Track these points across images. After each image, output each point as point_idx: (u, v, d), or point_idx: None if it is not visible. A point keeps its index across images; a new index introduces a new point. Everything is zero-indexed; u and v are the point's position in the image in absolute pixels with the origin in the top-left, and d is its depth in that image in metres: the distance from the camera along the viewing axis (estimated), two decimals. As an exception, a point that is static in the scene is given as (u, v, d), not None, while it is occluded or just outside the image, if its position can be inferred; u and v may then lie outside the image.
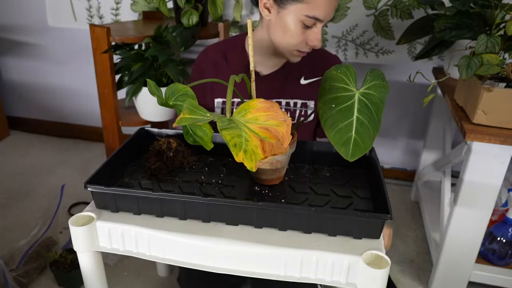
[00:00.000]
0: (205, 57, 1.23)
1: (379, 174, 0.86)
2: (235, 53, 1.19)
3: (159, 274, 1.52)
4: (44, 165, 2.21)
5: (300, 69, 1.18)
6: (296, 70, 1.18)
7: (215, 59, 1.21)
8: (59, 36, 2.23)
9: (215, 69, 1.20)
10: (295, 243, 0.76)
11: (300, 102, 1.17)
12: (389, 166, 2.15)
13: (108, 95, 1.60)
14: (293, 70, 1.18)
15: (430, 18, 1.50)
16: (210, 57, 1.22)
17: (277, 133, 0.70)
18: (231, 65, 1.19)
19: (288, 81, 1.18)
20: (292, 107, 1.18)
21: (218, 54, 1.21)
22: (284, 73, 1.18)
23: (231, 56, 1.20)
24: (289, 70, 1.18)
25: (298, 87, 1.18)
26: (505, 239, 1.38)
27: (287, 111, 1.18)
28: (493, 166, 1.21)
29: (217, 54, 1.21)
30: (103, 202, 0.83)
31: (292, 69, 1.18)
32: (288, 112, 1.18)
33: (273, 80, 1.17)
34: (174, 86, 0.82)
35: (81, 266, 0.85)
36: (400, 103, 2.00)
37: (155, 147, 0.96)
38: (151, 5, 1.96)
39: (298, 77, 1.18)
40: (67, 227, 1.67)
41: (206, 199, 0.77)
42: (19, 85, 2.46)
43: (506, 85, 1.14)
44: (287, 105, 1.18)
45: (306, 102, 1.18)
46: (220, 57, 1.20)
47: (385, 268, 0.70)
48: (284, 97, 1.17)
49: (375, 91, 0.78)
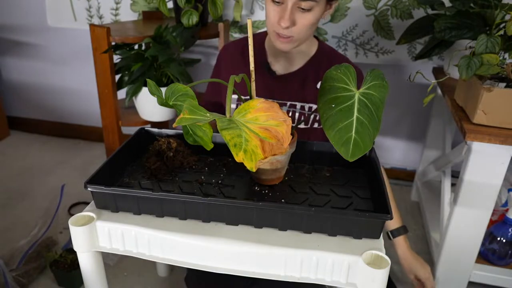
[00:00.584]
0: (225, 52, 1.23)
1: (379, 174, 0.86)
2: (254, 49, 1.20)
3: (159, 274, 1.52)
4: (44, 165, 2.21)
5: (318, 73, 1.16)
6: (313, 74, 1.16)
7: (234, 55, 1.21)
8: (59, 36, 2.23)
9: (232, 65, 1.20)
10: (295, 243, 0.76)
11: (316, 107, 1.16)
12: (389, 166, 2.15)
13: (108, 95, 1.60)
14: (311, 74, 1.16)
15: (430, 18, 1.50)
16: (229, 52, 1.22)
17: (277, 133, 0.70)
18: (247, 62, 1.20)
19: (305, 84, 1.16)
20: (307, 111, 1.16)
21: (237, 51, 1.21)
22: (302, 76, 1.16)
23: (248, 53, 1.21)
24: (307, 73, 1.16)
25: (315, 91, 1.16)
26: (505, 239, 1.38)
27: (301, 115, 1.16)
28: (493, 166, 1.21)
29: (236, 50, 1.21)
30: (103, 202, 0.83)
31: (310, 72, 1.16)
32: (302, 116, 1.16)
33: (289, 81, 1.16)
34: (174, 86, 0.82)
35: (81, 266, 0.85)
36: (400, 103, 2.00)
37: (155, 147, 0.96)
38: (151, 5, 1.96)
39: (316, 81, 1.16)
40: (67, 227, 1.67)
41: (206, 199, 0.77)
42: (19, 85, 2.46)
43: (506, 85, 1.14)
44: (302, 108, 1.16)
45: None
46: (238, 54, 1.20)
47: (385, 268, 0.70)
48: (300, 100, 1.16)
49: (375, 91, 0.78)
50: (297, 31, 1.03)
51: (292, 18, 1.00)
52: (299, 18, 1.01)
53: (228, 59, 1.21)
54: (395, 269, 1.58)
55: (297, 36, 1.04)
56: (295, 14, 1.00)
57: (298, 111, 1.16)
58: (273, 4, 1.01)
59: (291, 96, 1.16)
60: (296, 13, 1.01)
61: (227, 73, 1.19)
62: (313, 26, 1.05)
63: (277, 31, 1.04)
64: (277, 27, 1.03)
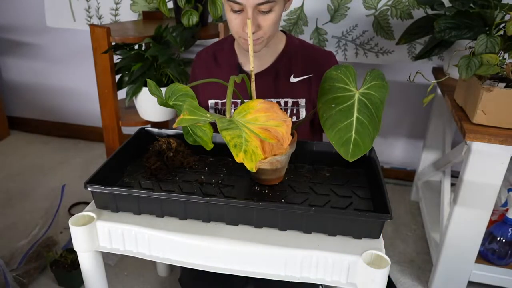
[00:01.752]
0: (198, 59, 1.26)
1: (379, 174, 0.86)
2: (224, 54, 1.21)
3: (159, 274, 1.52)
4: (44, 165, 2.21)
5: (290, 67, 1.17)
6: (285, 68, 1.17)
7: (207, 61, 1.23)
8: (59, 36, 2.23)
9: (207, 70, 1.22)
10: (295, 243, 0.76)
11: (291, 101, 1.17)
12: (389, 166, 2.15)
13: (108, 95, 1.60)
14: (282, 69, 1.17)
15: (430, 18, 1.50)
16: (202, 59, 1.24)
17: (277, 134, 0.70)
18: (221, 66, 1.21)
19: (278, 80, 1.17)
20: (283, 106, 1.18)
21: (209, 56, 1.23)
22: (273, 72, 1.17)
23: (221, 58, 1.21)
24: (278, 69, 1.17)
25: (288, 85, 1.17)
26: (505, 239, 1.38)
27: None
28: (493, 166, 1.21)
29: (208, 56, 1.23)
30: (103, 202, 0.83)
31: (281, 67, 1.17)
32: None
33: (263, 79, 1.16)
34: (174, 86, 0.82)
35: (81, 266, 0.85)
36: (400, 103, 2.00)
37: (155, 147, 0.96)
38: (151, 5, 1.96)
39: (288, 75, 1.17)
40: (67, 227, 1.67)
41: (206, 199, 0.78)
42: (19, 85, 2.46)
43: (506, 85, 1.14)
44: (278, 104, 1.17)
45: (297, 100, 1.17)
46: (211, 59, 1.23)
47: (385, 268, 0.70)
48: (276, 96, 1.17)
49: (375, 91, 0.78)
50: (263, 32, 1.04)
51: (255, 23, 1.01)
52: (261, 20, 1.02)
53: (202, 65, 1.24)
54: (395, 269, 1.58)
55: (265, 36, 1.06)
56: (257, 18, 1.01)
57: None
58: (233, 13, 1.03)
59: (265, 93, 1.17)
60: (258, 16, 1.02)
61: (202, 77, 1.21)
62: (277, 23, 1.07)
63: (243, 38, 1.05)
64: (242, 34, 1.05)
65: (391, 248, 1.68)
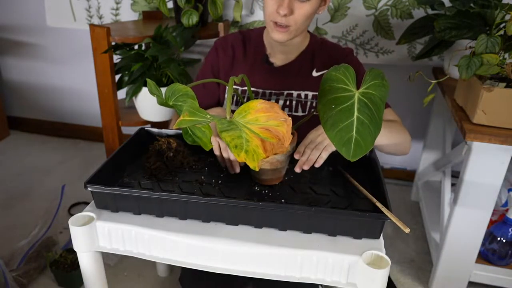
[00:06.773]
0: (224, 41, 1.26)
1: (379, 174, 0.86)
2: (252, 43, 1.23)
3: (159, 274, 1.52)
4: (44, 165, 2.21)
5: (313, 62, 1.21)
6: (308, 62, 1.21)
7: (234, 42, 1.24)
8: (59, 36, 2.23)
9: (233, 51, 1.23)
10: (295, 243, 0.76)
11: (311, 94, 1.19)
12: (389, 166, 2.15)
13: (108, 95, 1.60)
14: (306, 63, 1.21)
15: (430, 18, 1.50)
16: (229, 40, 1.25)
17: (277, 133, 0.70)
18: (247, 52, 1.23)
19: (300, 73, 1.20)
20: (303, 99, 1.20)
21: (237, 39, 1.24)
22: (297, 65, 1.20)
23: (249, 46, 1.24)
24: (302, 62, 1.20)
25: (310, 79, 1.20)
26: (505, 239, 1.38)
27: (298, 103, 1.20)
28: (493, 166, 1.21)
29: (237, 39, 1.25)
30: (103, 202, 0.83)
31: (305, 61, 1.21)
32: (299, 104, 1.20)
33: (286, 71, 1.20)
34: (174, 86, 0.82)
35: (81, 266, 0.85)
36: (400, 103, 1.99)
37: (155, 147, 0.96)
38: (151, 5, 1.96)
39: (311, 69, 1.20)
40: (67, 227, 1.67)
41: (206, 199, 0.77)
42: (19, 85, 2.46)
43: (506, 85, 1.14)
44: (298, 96, 1.19)
45: (317, 93, 1.19)
46: (239, 42, 1.24)
47: (385, 268, 0.70)
48: (296, 89, 1.20)
49: (375, 90, 0.78)
50: (294, 20, 1.06)
51: (290, 6, 1.03)
52: (296, 8, 1.05)
53: (228, 45, 1.24)
54: (395, 269, 1.58)
55: (294, 26, 1.07)
56: (293, 3, 1.04)
57: (295, 99, 1.19)
58: None
59: (288, 85, 1.20)
60: (294, 3, 1.04)
61: (228, 59, 1.22)
62: (309, 18, 1.09)
63: (274, 20, 1.07)
64: (275, 15, 1.06)
65: (391, 248, 1.68)
